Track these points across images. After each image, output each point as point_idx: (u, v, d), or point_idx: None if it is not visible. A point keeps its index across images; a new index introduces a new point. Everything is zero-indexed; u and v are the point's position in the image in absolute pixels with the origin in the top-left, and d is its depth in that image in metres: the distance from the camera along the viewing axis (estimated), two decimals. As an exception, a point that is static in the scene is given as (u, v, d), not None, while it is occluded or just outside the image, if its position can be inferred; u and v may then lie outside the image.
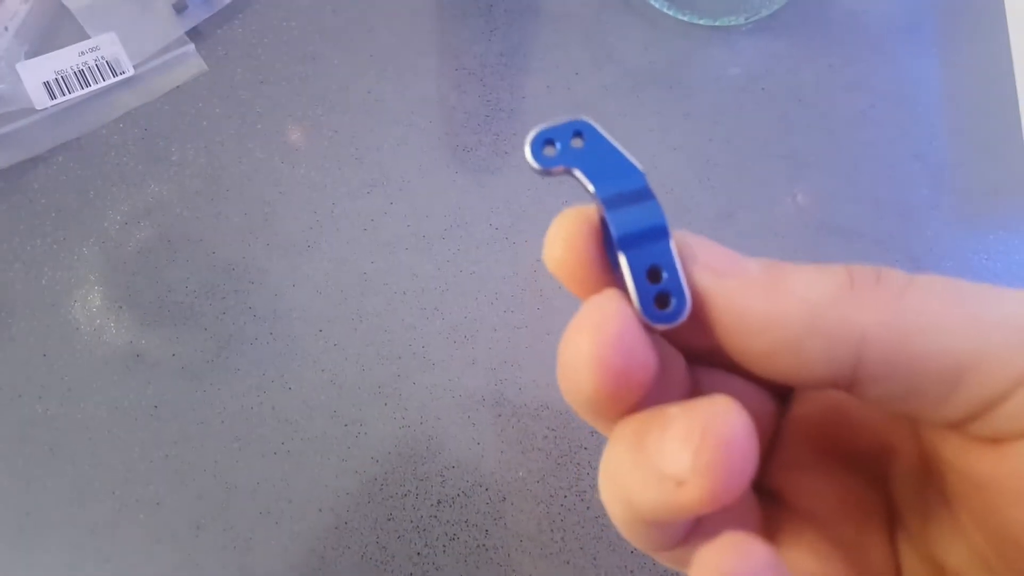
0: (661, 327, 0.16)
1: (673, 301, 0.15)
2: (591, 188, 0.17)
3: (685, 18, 0.45)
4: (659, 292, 0.16)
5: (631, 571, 0.35)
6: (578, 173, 0.17)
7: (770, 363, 0.15)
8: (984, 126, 0.44)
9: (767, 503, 0.19)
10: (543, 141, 0.17)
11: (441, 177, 0.42)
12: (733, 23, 0.45)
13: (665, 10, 0.45)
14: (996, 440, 0.15)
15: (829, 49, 0.45)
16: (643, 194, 0.16)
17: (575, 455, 0.37)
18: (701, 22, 0.45)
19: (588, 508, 0.36)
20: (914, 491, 0.17)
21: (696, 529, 0.18)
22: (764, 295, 0.15)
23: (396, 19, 0.45)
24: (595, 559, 0.35)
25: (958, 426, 0.15)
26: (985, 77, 0.45)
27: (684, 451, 0.14)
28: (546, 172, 0.17)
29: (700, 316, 0.16)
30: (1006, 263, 0.41)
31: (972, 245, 0.41)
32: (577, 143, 0.17)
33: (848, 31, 0.46)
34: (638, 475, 0.15)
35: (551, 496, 0.36)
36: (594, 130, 0.17)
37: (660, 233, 0.16)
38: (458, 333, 0.39)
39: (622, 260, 0.16)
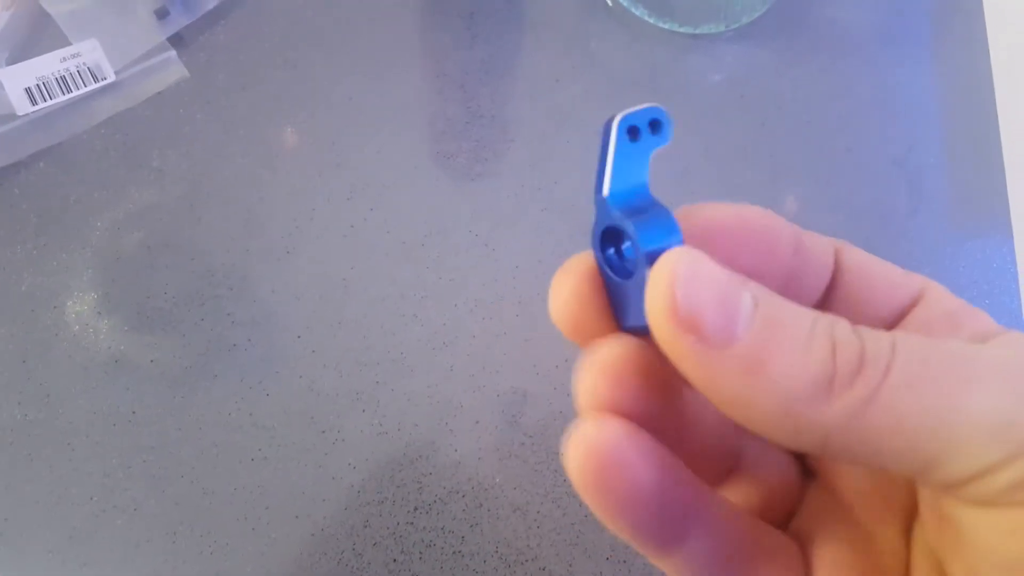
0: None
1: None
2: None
3: (666, 26, 0.45)
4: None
5: (606, 578, 0.35)
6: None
7: (742, 425, 0.15)
8: (963, 133, 0.44)
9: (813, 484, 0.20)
10: (627, 125, 0.16)
11: (422, 183, 0.42)
12: (714, 31, 0.45)
13: (646, 18, 0.45)
14: (972, 502, 0.15)
15: (809, 57, 0.45)
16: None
17: (551, 462, 0.37)
18: (682, 30, 0.45)
19: (564, 515, 0.36)
20: (932, 493, 0.17)
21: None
22: (742, 377, 0.14)
23: (378, 26, 0.45)
24: (571, 565, 0.35)
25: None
26: (964, 85, 0.45)
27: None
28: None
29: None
30: (983, 270, 0.41)
31: (950, 252, 0.42)
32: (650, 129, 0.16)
33: (828, 39, 0.46)
34: None
35: (527, 503, 0.36)
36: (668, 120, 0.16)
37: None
38: (437, 340, 0.39)
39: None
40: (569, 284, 0.17)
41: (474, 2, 0.46)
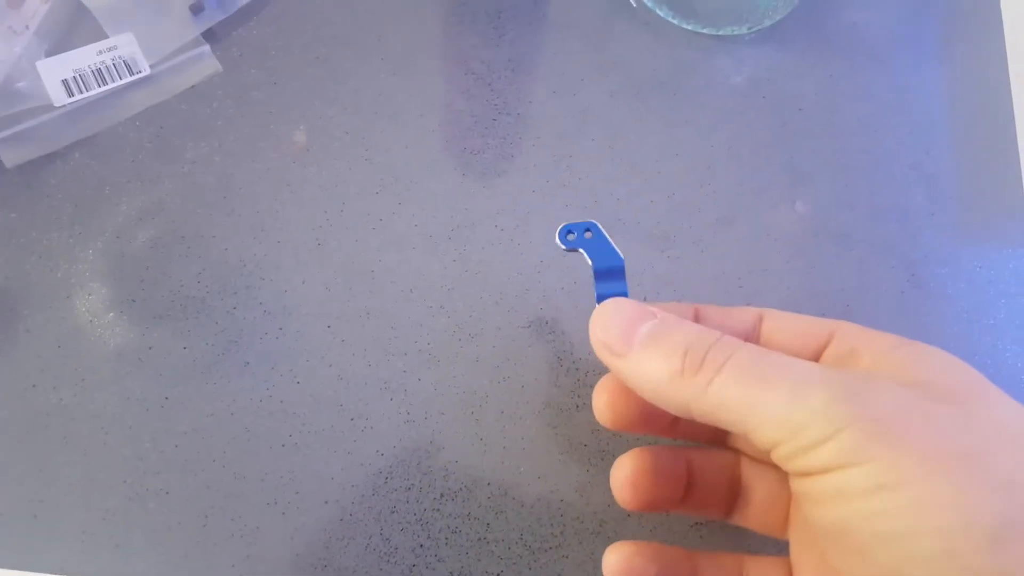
0: None
1: None
2: (590, 263, 0.28)
3: (689, 27, 0.46)
4: None
5: (628, 566, 0.36)
6: (583, 253, 0.28)
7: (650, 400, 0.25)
8: (980, 136, 0.45)
9: None
10: (566, 231, 0.28)
11: (448, 178, 0.43)
12: (736, 33, 0.46)
13: (670, 19, 0.46)
14: (798, 473, 0.22)
15: (830, 59, 0.46)
16: (618, 272, 0.28)
17: (575, 452, 0.38)
18: (705, 31, 0.46)
19: (587, 504, 0.37)
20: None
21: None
22: (632, 372, 0.24)
23: (406, 24, 0.46)
24: (593, 553, 0.36)
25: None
26: (982, 88, 0.46)
27: None
28: (566, 250, 0.28)
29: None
30: (999, 271, 0.42)
31: (967, 253, 0.42)
32: (587, 235, 0.28)
33: (849, 42, 0.47)
34: None
35: (551, 491, 0.37)
36: (599, 229, 0.28)
37: (622, 290, 0.28)
38: (463, 331, 0.40)
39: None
40: (604, 398, 0.29)
41: (501, 1, 0.47)
